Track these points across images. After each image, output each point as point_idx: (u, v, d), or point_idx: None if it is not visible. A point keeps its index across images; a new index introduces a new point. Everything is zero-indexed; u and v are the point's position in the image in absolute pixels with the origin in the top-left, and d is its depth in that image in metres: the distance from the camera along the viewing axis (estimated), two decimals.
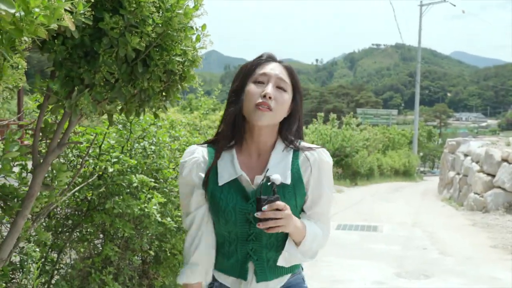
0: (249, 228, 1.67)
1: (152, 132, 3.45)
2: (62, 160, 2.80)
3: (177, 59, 1.98)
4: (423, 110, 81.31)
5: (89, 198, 3.01)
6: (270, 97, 1.63)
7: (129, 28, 1.81)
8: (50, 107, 2.05)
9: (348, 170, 23.26)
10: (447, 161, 17.38)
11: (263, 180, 1.59)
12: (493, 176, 11.96)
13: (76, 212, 3.11)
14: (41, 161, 1.98)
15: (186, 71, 2.08)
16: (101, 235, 3.29)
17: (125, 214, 2.92)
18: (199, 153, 1.75)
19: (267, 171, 1.60)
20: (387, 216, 11.34)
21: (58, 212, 3.09)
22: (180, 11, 1.90)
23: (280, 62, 1.77)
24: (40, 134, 2.04)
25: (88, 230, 3.10)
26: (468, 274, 6.12)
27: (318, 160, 1.73)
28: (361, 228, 9.47)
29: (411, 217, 11.22)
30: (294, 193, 1.67)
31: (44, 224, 2.88)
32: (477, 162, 13.20)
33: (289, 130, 1.75)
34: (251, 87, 1.67)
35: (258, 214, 1.49)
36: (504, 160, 11.72)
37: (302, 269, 1.87)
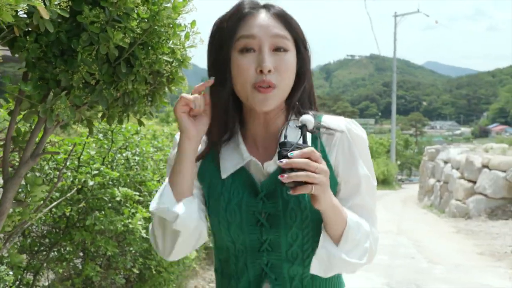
0: (261, 233, 1.24)
1: (135, 142, 3.20)
2: (37, 174, 2.57)
3: (165, 58, 1.79)
4: (399, 119, 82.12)
5: (67, 214, 2.77)
6: (269, 70, 1.19)
7: (111, 23, 1.62)
8: (22, 113, 1.84)
9: None
10: (427, 169, 17.45)
11: (284, 128, 1.13)
12: (474, 182, 11.99)
13: (54, 230, 2.86)
14: (13, 174, 1.76)
15: (174, 72, 1.89)
16: (81, 254, 3.05)
17: (107, 231, 2.68)
18: None
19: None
20: None
21: (34, 230, 2.84)
22: (168, 5, 1.72)
23: (267, 7, 1.27)
24: (12, 144, 1.82)
25: (67, 249, 2.84)
26: (460, 282, 6.01)
27: (347, 134, 1.29)
28: None
29: (395, 225, 11.12)
30: None
31: (18, 243, 2.64)
32: (457, 169, 13.25)
33: (300, 99, 1.29)
34: (239, 61, 1.22)
35: (282, 162, 1.03)
36: (485, 166, 11.77)
37: None
